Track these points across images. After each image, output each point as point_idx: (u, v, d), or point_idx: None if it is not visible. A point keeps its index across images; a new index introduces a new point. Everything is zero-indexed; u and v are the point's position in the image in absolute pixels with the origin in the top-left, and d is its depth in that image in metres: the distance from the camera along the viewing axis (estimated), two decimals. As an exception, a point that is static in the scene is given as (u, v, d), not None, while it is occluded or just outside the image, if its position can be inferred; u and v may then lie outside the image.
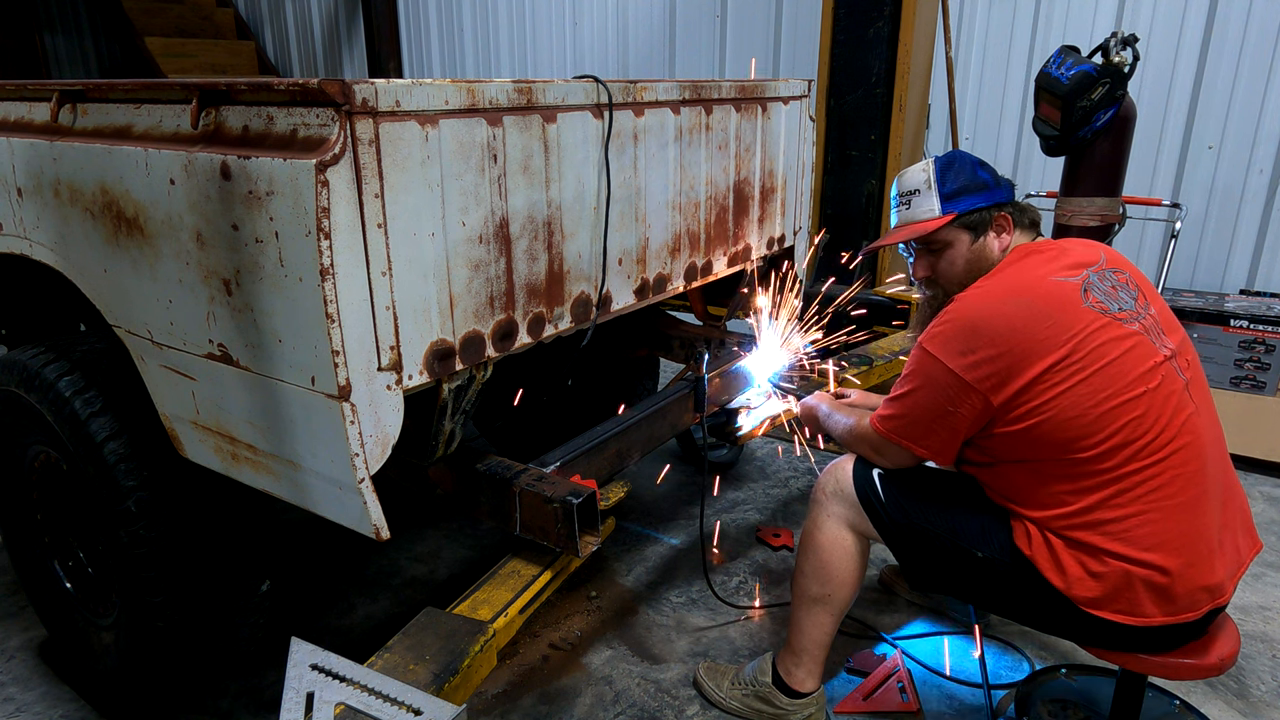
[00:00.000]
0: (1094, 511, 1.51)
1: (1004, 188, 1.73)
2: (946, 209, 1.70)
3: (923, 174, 1.74)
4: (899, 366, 2.91)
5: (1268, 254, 3.70)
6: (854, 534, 1.82)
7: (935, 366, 1.57)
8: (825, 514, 1.83)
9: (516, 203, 1.59)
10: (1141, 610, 1.50)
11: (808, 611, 1.89)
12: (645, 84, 1.88)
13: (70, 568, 2.13)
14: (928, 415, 1.61)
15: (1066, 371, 1.49)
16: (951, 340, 1.56)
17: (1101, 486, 1.50)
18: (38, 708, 2.10)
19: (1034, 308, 1.53)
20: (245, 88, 1.33)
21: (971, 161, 1.74)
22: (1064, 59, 2.88)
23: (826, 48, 3.34)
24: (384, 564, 2.72)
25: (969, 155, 1.75)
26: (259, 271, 1.32)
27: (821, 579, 1.84)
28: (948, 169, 1.72)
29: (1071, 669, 2.07)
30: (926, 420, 1.62)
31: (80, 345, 1.86)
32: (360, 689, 1.27)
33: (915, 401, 1.63)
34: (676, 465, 3.44)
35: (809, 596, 1.87)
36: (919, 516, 1.71)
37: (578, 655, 2.29)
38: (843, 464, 1.85)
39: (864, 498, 1.78)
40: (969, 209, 1.69)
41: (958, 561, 1.67)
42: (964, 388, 1.54)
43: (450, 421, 1.65)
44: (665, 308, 2.99)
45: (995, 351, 1.51)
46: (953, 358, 1.55)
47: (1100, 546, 1.50)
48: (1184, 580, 1.48)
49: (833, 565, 1.83)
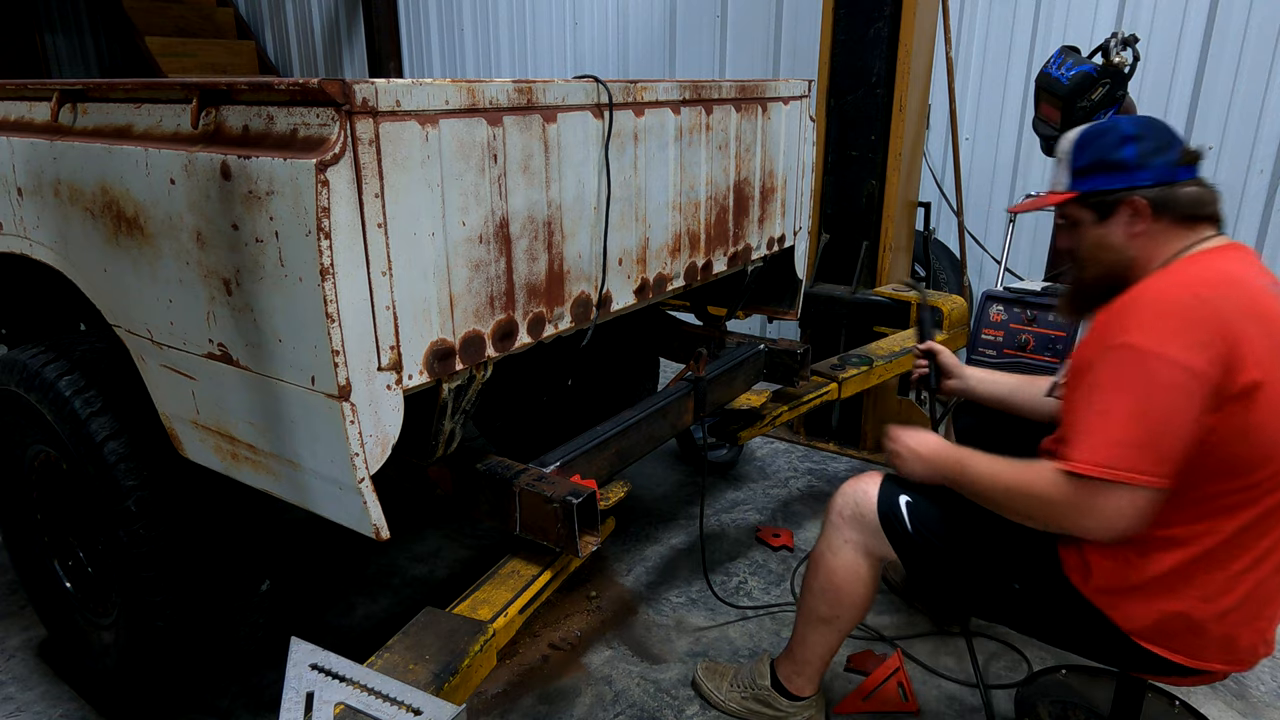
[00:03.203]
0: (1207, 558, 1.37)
1: (1152, 169, 1.46)
2: (1073, 185, 1.53)
3: (1068, 143, 1.55)
4: (899, 367, 2.91)
5: (1268, 254, 3.70)
6: (869, 560, 1.72)
7: (1153, 362, 1.28)
8: (841, 538, 1.74)
9: (516, 202, 1.59)
10: (1203, 657, 1.42)
11: (814, 628, 1.84)
12: (645, 84, 1.88)
13: (70, 567, 2.13)
14: (1159, 428, 1.28)
15: (1272, 394, 1.29)
16: (1156, 325, 1.30)
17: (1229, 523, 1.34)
18: (38, 707, 2.10)
19: (1245, 307, 1.32)
20: (245, 87, 1.33)
21: (1124, 135, 1.48)
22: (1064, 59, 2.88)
23: (826, 48, 3.33)
24: (384, 564, 2.73)
25: (1128, 126, 1.50)
26: (259, 271, 1.32)
27: (831, 601, 1.78)
28: (1089, 141, 1.52)
29: (1071, 670, 2.07)
30: (1159, 434, 1.29)
31: (80, 345, 1.86)
32: (360, 689, 1.27)
33: (1138, 413, 1.29)
34: (676, 465, 3.44)
35: (817, 616, 1.82)
36: (949, 545, 1.60)
37: (578, 655, 2.29)
38: (863, 485, 1.73)
39: (888, 524, 1.66)
40: (1093, 190, 1.50)
41: (992, 590, 1.58)
42: (1196, 379, 1.26)
43: (450, 421, 1.65)
44: (665, 307, 2.99)
45: (1209, 335, 1.27)
46: (1170, 344, 1.27)
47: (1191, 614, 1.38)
48: (1252, 635, 1.42)
49: (844, 590, 1.75)
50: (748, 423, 2.57)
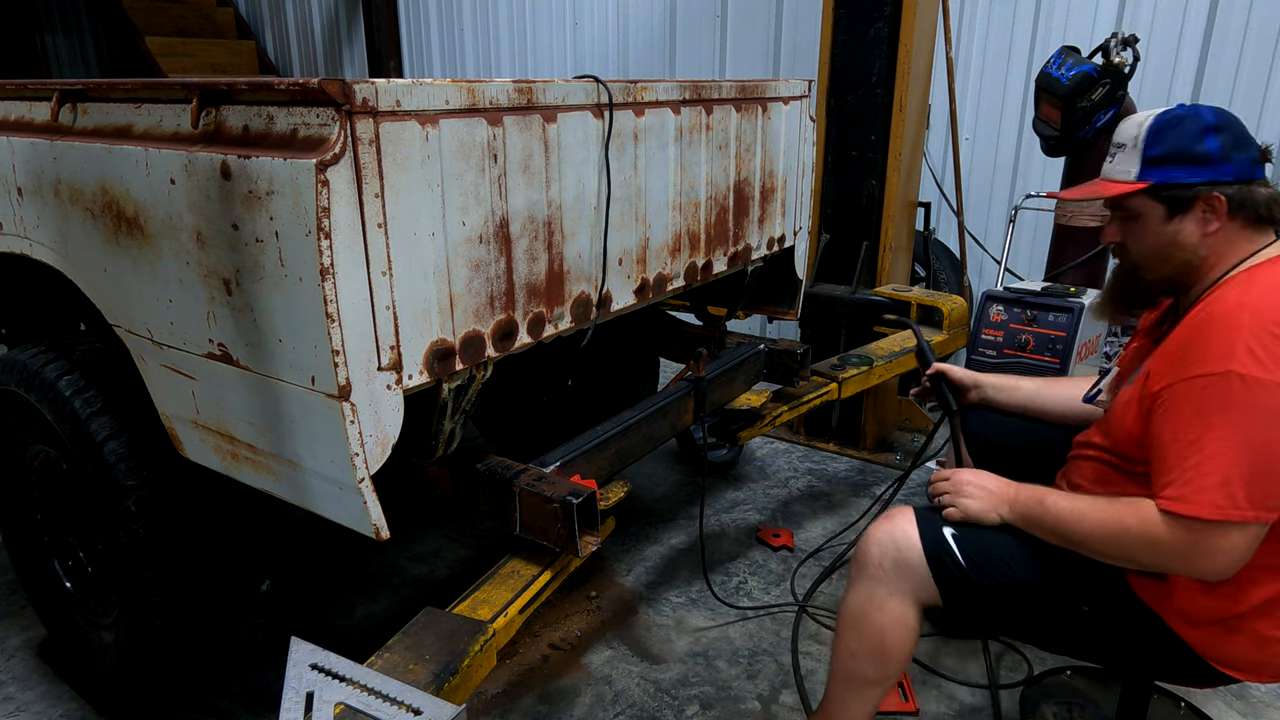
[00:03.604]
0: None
1: (1234, 164, 1.38)
2: (1144, 175, 1.42)
3: (1137, 128, 1.44)
4: (899, 367, 2.91)
5: (1268, 254, 3.70)
6: (918, 609, 1.54)
7: (1262, 391, 1.21)
8: (885, 592, 1.52)
9: (516, 202, 1.59)
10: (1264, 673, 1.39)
11: (858, 693, 1.62)
12: (645, 84, 1.88)
13: (70, 567, 2.13)
14: (1272, 462, 1.22)
15: None
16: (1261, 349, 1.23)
17: None
18: (37, 707, 2.10)
19: None
20: (245, 87, 1.33)
21: (1205, 125, 1.40)
22: (1064, 59, 2.88)
23: (827, 48, 3.34)
24: (384, 564, 2.73)
25: (1209, 115, 1.41)
26: (259, 271, 1.32)
27: (881, 662, 1.57)
28: (1166, 128, 1.41)
29: (1075, 670, 2.06)
30: (1272, 468, 1.22)
31: (80, 345, 1.86)
32: (360, 689, 1.27)
33: (1250, 447, 1.22)
34: (676, 465, 3.44)
35: (863, 680, 1.60)
36: (1009, 576, 1.46)
37: (577, 655, 2.29)
38: (900, 527, 1.54)
39: (938, 566, 1.48)
40: (1169, 181, 1.40)
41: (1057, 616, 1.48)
42: None
43: (450, 421, 1.65)
44: (665, 307, 2.99)
45: None
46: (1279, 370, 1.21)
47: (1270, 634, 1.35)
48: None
49: (896, 647, 1.55)
50: (748, 423, 2.57)
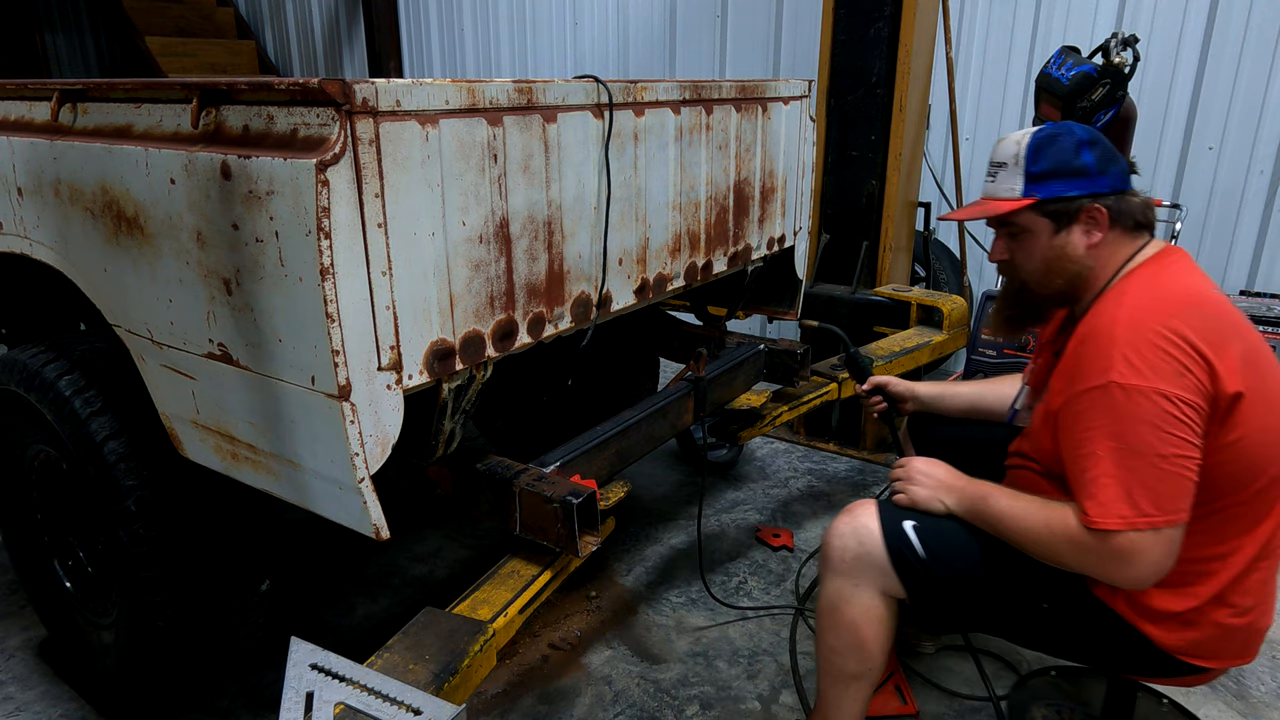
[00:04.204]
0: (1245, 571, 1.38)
1: (1110, 176, 1.45)
2: (1029, 191, 1.47)
3: (1015, 146, 1.49)
4: (899, 367, 2.91)
5: (1268, 255, 3.69)
6: (886, 599, 1.58)
7: (1144, 399, 1.27)
8: (851, 585, 1.57)
9: (517, 202, 1.59)
10: (1224, 657, 1.43)
11: (845, 689, 1.66)
12: (645, 84, 1.88)
13: (70, 567, 2.13)
14: (1168, 465, 1.27)
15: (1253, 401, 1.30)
16: (1138, 359, 1.29)
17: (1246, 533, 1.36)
18: (37, 706, 2.10)
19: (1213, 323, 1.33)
20: (245, 87, 1.33)
21: (1079, 140, 1.46)
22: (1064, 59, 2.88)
23: (827, 48, 3.34)
24: (384, 564, 2.73)
25: (1083, 131, 1.48)
26: (259, 271, 1.32)
27: (860, 655, 1.61)
28: (1045, 145, 1.46)
29: (1061, 671, 2.06)
30: (1171, 471, 1.27)
31: (80, 344, 1.86)
32: (360, 689, 1.27)
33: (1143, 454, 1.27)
34: (676, 465, 3.44)
35: (847, 674, 1.64)
36: (968, 569, 1.50)
37: (577, 655, 2.29)
38: (860, 520, 1.58)
39: (899, 558, 1.52)
40: (1054, 196, 1.45)
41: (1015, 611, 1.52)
42: (1190, 406, 1.27)
43: (450, 421, 1.65)
44: (665, 307, 2.99)
45: (1190, 360, 1.28)
46: (1156, 377, 1.27)
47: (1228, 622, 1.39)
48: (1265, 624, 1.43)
49: (870, 639, 1.59)
50: (748, 423, 2.57)
